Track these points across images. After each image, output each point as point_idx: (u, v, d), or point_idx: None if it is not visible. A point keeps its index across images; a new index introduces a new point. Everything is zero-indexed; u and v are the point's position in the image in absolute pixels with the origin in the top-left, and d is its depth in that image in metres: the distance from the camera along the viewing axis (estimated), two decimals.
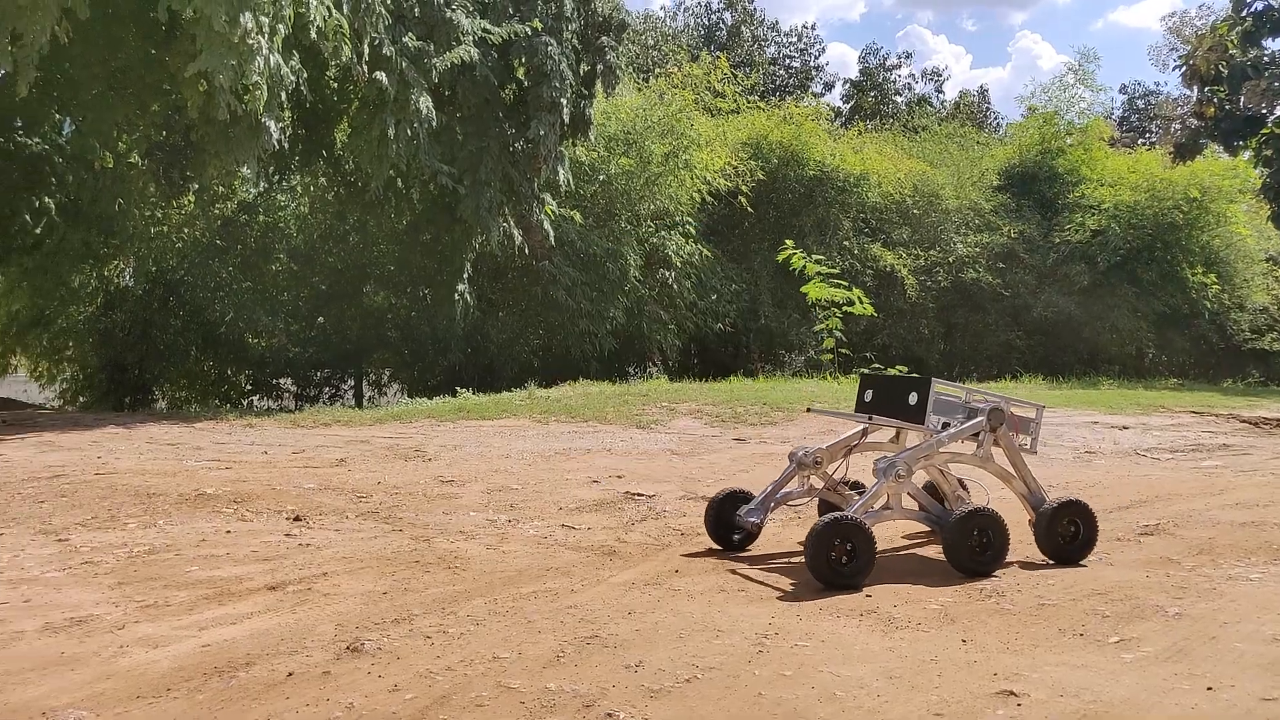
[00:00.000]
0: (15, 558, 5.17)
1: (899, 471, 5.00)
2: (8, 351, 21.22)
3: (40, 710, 3.24)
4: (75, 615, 4.21)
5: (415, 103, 13.09)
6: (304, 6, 10.31)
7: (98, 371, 20.26)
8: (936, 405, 5.27)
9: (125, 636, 3.96)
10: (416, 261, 18.44)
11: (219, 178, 17.48)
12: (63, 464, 7.96)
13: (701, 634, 3.98)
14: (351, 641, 3.87)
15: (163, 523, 6.00)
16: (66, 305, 19.77)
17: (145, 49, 13.25)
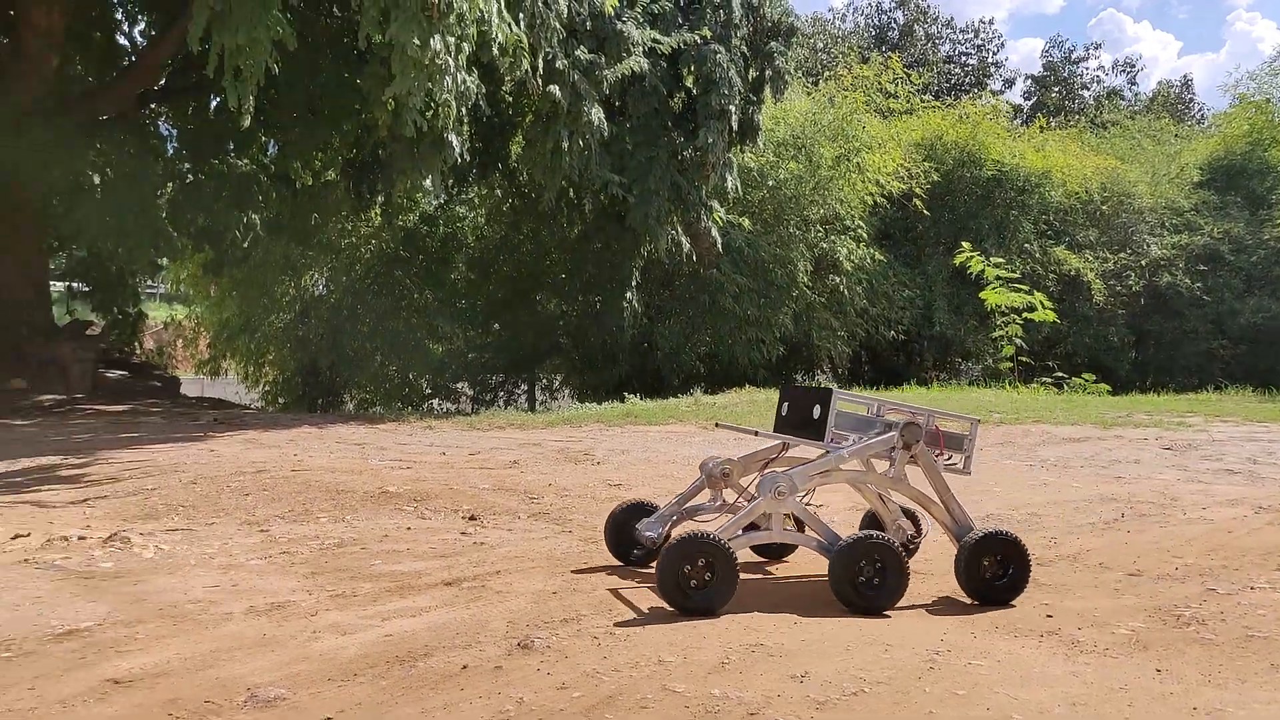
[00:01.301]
0: (225, 545, 5.62)
1: (778, 489, 4.49)
2: (219, 356, 23.13)
3: (246, 686, 3.51)
4: (275, 600, 4.53)
5: (587, 114, 13.41)
6: (486, 25, 10.76)
7: (294, 375, 21.78)
8: (847, 420, 4.82)
9: (318, 623, 4.23)
10: (587, 270, 18.87)
11: (404, 192, 18.46)
12: (264, 460, 8.59)
13: (870, 647, 3.89)
14: (522, 638, 4.00)
15: (350, 518, 6.38)
16: (268, 313, 21.37)
17: (340, 74, 14.16)
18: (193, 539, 5.77)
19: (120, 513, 6.57)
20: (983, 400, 12.90)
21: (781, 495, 4.50)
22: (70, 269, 18.68)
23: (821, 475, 4.68)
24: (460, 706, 3.34)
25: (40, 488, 7.49)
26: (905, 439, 4.66)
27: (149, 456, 8.86)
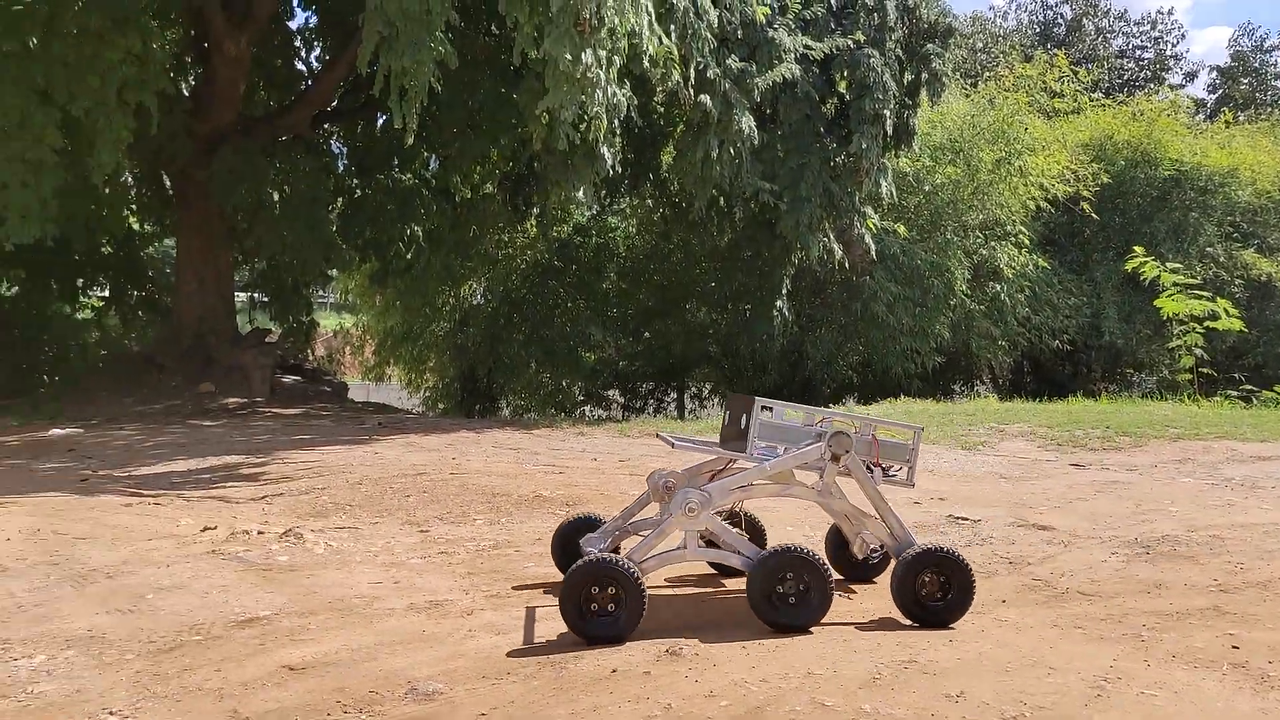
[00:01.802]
0: (387, 544, 5.88)
1: (689, 506, 4.24)
2: (384, 362, 24.28)
3: (406, 679, 3.66)
4: (433, 599, 4.71)
5: (737, 123, 13.40)
6: (638, 38, 10.91)
7: (453, 381, 22.63)
8: (778, 431, 4.55)
9: (473, 621, 4.37)
10: (736, 278, 18.83)
11: (558, 203, 18.92)
12: (425, 463, 8.95)
13: (1031, 670, 3.71)
14: (671, 645, 4.01)
15: (505, 520, 6.57)
16: (430, 322, 22.30)
17: (498, 90, 14.64)
18: (358, 537, 6.07)
19: (294, 510, 6.98)
20: (1158, 414, 12.12)
21: (693, 512, 4.26)
22: (252, 281, 20.02)
23: (741, 490, 4.45)
24: (609, 709, 3.38)
25: (225, 484, 8.04)
26: (834, 450, 4.35)
27: (320, 457, 9.39)
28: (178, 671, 3.73)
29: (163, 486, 7.91)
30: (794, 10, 14.87)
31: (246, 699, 3.49)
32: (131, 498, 7.37)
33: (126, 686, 3.58)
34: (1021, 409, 12.99)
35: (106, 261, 18.89)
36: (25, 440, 10.98)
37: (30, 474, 8.66)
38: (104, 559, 5.35)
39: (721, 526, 4.36)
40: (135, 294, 19.56)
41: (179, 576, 5.00)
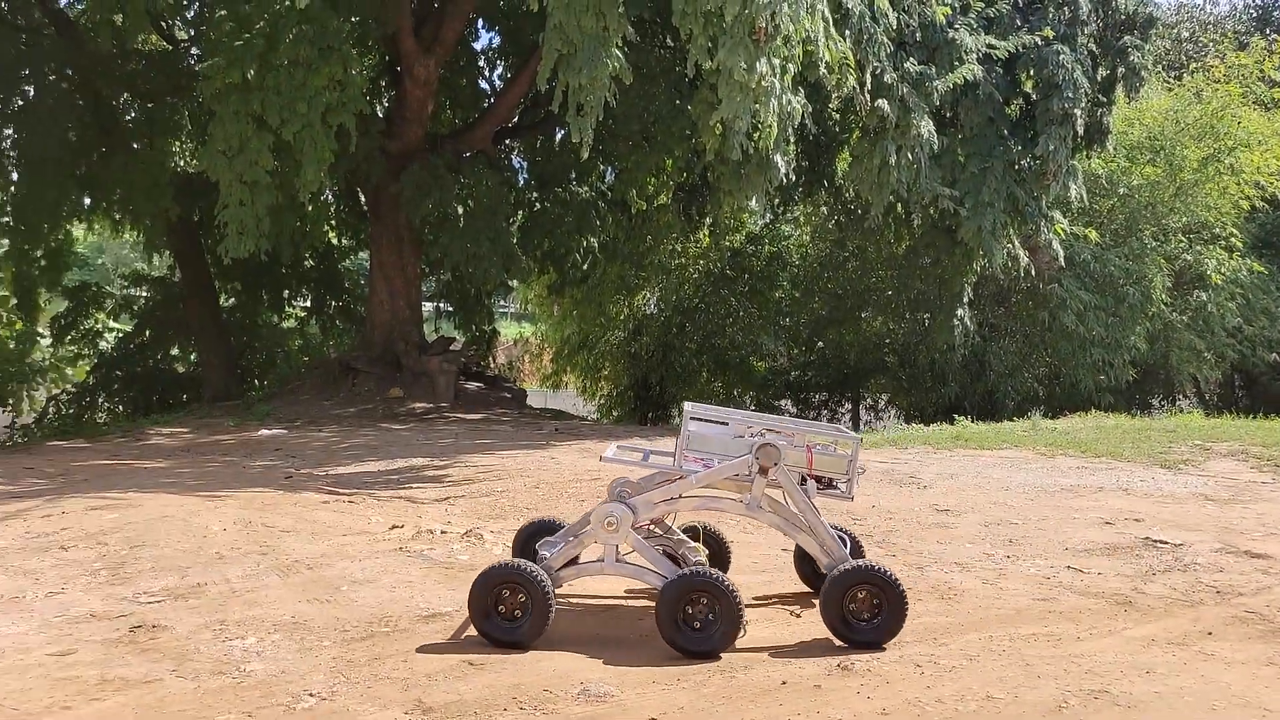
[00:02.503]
0: None
1: (609, 519, 4.14)
2: (560, 370, 24.97)
3: (579, 679, 3.75)
4: (608, 602, 4.80)
5: (916, 127, 13.01)
6: (813, 45, 10.79)
7: (627, 389, 22.99)
8: (711, 443, 4.36)
9: (646, 626, 4.42)
10: (914, 286, 18.29)
11: (731, 213, 18.92)
12: (597, 469, 9.12)
13: (1241, 709, 3.41)
14: (843, 660, 3.93)
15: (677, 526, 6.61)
16: (604, 331, 22.76)
17: (672, 102, 14.80)
18: None
19: (475, 511, 7.27)
20: None
21: (612, 526, 4.18)
22: (438, 291, 21.04)
23: (667, 502, 4.32)
24: None
25: (412, 485, 8.47)
26: (761, 462, 4.18)
27: (499, 461, 9.75)
28: (368, 660, 3.96)
29: (356, 486, 8.41)
30: (976, 9, 14.32)
31: (429, 689, 3.66)
32: (329, 495, 7.88)
33: (324, 671, 3.83)
34: (1231, 426, 11.99)
35: (309, 274, 20.34)
36: (239, 439, 11.93)
37: (243, 470, 9.40)
38: (305, 551, 5.74)
39: (639, 542, 4.25)
40: (334, 304, 20.97)
41: (370, 571, 5.31)
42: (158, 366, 19.74)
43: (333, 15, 12.28)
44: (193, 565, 5.38)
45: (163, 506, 6.97)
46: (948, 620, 4.55)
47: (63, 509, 6.88)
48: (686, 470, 4.34)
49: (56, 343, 20.05)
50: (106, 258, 28.67)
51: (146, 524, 6.35)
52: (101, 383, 19.32)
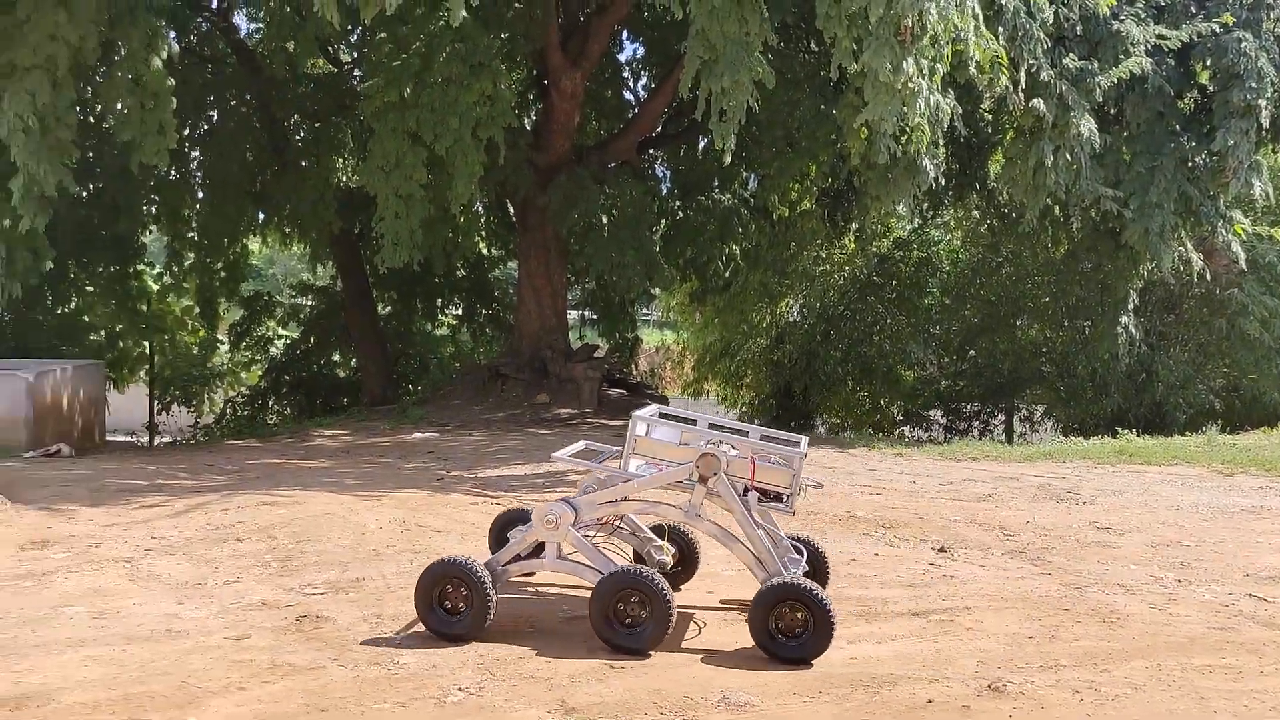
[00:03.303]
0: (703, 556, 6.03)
1: (548, 518, 4.28)
2: (702, 377, 24.99)
3: (719, 687, 3.74)
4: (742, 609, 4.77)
5: (1075, 126, 12.41)
6: (963, 44, 10.46)
7: (769, 397, 22.78)
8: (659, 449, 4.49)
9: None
10: (1074, 292, 17.43)
11: (877, 218, 18.52)
12: None
13: None
14: (993, 680, 3.78)
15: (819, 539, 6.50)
16: (747, 339, 22.63)
17: (816, 106, 14.61)
18: None
19: None
20: None
21: (551, 524, 4.30)
22: (583, 299, 21.42)
23: (608, 505, 4.44)
24: None
25: (556, 489, 8.64)
26: (702, 471, 4.25)
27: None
28: (514, 658, 4.06)
29: (504, 488, 8.65)
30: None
31: (572, 690, 3.73)
32: (478, 497, 8.13)
33: (472, 667, 3.95)
34: None
35: (460, 283, 21.07)
36: (394, 442, 12.46)
37: (397, 471, 9.81)
38: (455, 551, 5.93)
39: (579, 540, 4.34)
40: (484, 312, 21.65)
41: None
42: (321, 371, 20.84)
43: (484, 33, 12.70)
44: (352, 561, 5.65)
45: (325, 504, 7.35)
46: (1110, 645, 4.31)
47: (238, 504, 7.35)
48: (631, 475, 4.47)
49: (233, 349, 21.50)
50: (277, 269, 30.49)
51: (311, 520, 6.71)
52: (272, 386, 20.55)
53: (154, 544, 6.04)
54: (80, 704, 3.46)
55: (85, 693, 3.57)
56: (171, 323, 20.19)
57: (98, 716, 3.37)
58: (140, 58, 11.81)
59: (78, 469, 9.51)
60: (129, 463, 10.57)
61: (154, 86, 11.89)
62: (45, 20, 10.80)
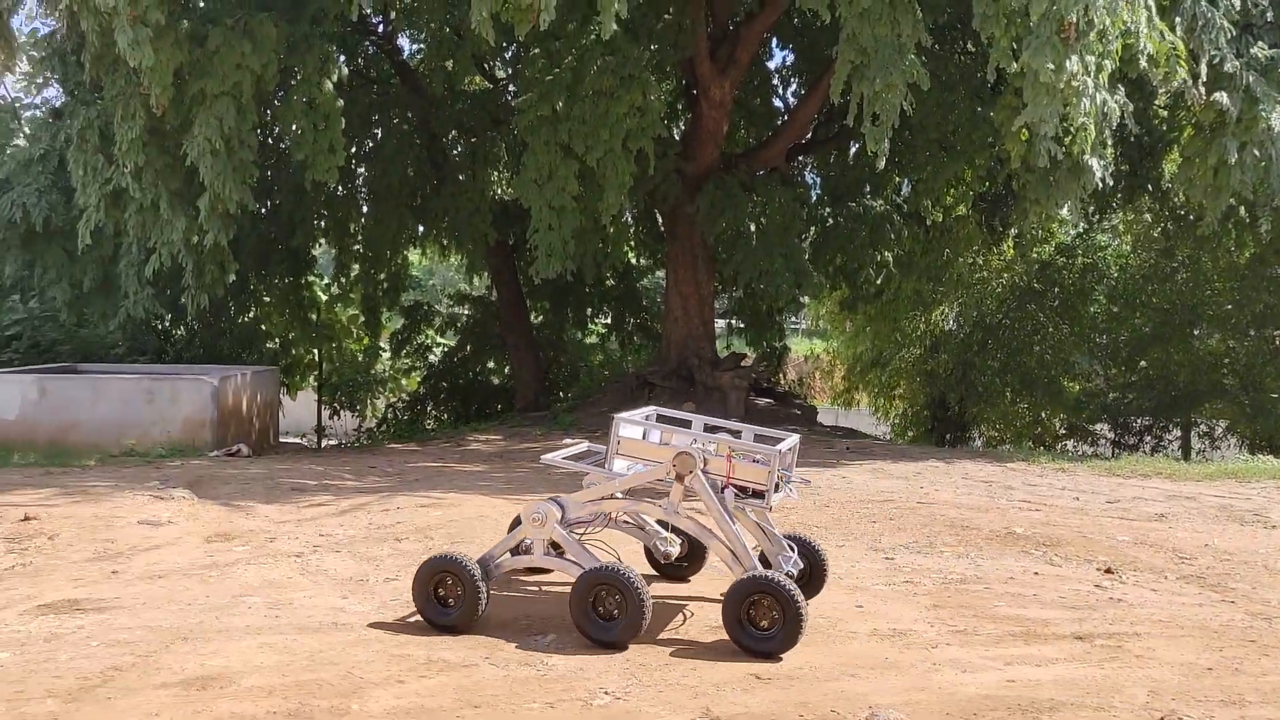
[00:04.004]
0: (852, 568, 5.92)
1: (535, 516, 4.53)
2: (852, 388, 24.53)
3: (867, 703, 3.65)
4: (897, 627, 4.65)
5: (1264, 120, 11.53)
6: (1133, 37, 9.90)
7: (923, 409, 22.13)
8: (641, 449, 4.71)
9: (937, 655, 4.23)
10: (1260, 299, 16.23)
11: (1038, 223, 17.73)
12: (891, 490, 8.86)
13: None
14: (1166, 712, 3.55)
15: (974, 555, 6.27)
16: (899, 348, 22.07)
17: (973, 108, 14.14)
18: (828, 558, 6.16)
19: None
20: None
21: (538, 522, 4.51)
22: (730, 308, 21.38)
23: (594, 503, 4.65)
24: None
25: None
26: (678, 469, 4.41)
27: None
28: (660, 664, 4.09)
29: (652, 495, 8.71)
30: None
31: (717, 699, 3.72)
32: None
33: (618, 672, 4.00)
34: None
35: (610, 292, 21.40)
36: (545, 447, 12.70)
37: (548, 476, 10.03)
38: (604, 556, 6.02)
39: (564, 537, 4.53)
40: (632, 321, 21.91)
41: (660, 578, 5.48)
42: (477, 378, 21.58)
43: (634, 45, 12.89)
44: None
45: (479, 507, 7.60)
46: None
47: (397, 504, 7.69)
48: (614, 474, 4.68)
49: (394, 356, 22.52)
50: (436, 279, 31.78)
51: (465, 523, 6.95)
52: (430, 392, 21.42)
53: (321, 541, 6.39)
54: (257, 687, 3.70)
55: (261, 677, 3.80)
56: (339, 331, 21.34)
57: (272, 700, 3.58)
58: (314, 82, 12.58)
59: (255, 468, 10.17)
60: (300, 463, 11.23)
61: (325, 108, 12.63)
62: (233, 51, 11.64)
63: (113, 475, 9.20)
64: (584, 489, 4.76)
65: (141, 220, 12.98)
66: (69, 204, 14.24)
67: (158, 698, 3.56)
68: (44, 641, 4.18)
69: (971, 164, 15.35)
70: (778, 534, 4.84)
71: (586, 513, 4.74)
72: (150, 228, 12.93)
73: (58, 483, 8.54)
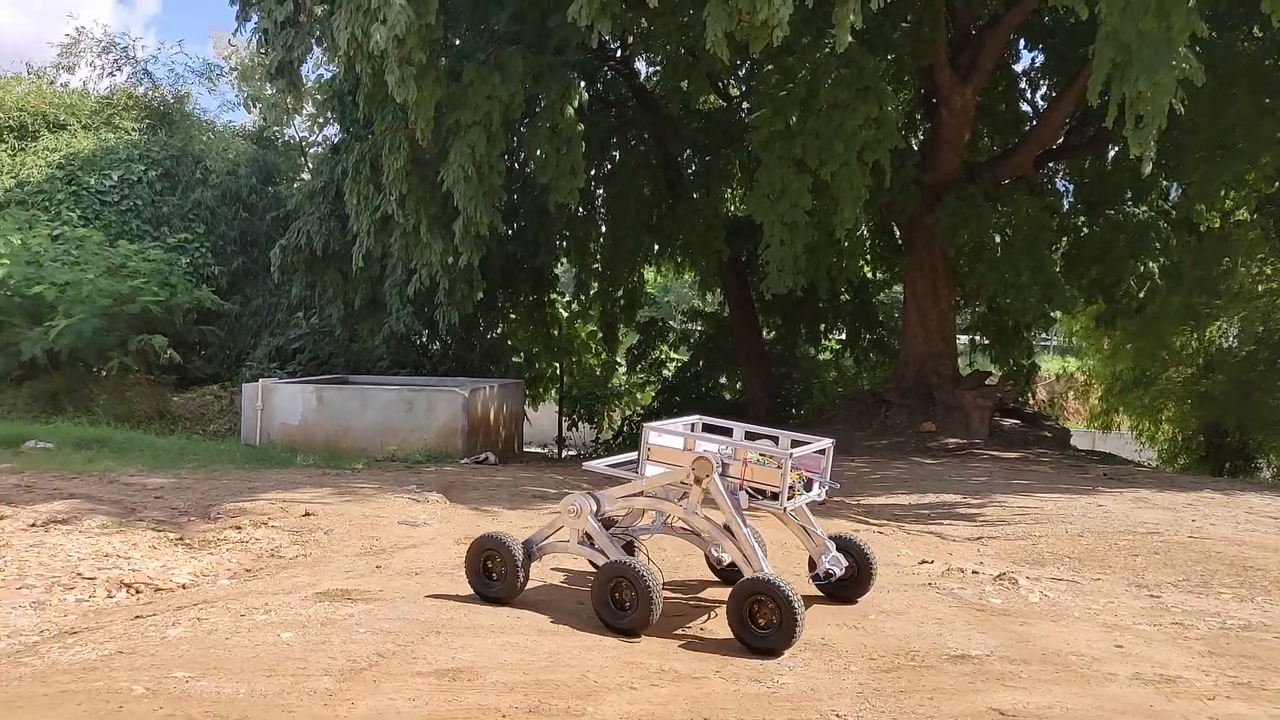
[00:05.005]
0: (1109, 603, 5.45)
1: (572, 508, 4.90)
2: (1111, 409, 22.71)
3: None
4: (1164, 672, 4.22)
5: None
6: None
7: (1196, 434, 20.14)
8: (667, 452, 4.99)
9: (1214, 708, 3.81)
10: None
11: None
12: (1156, 522, 8.10)
13: None
14: None
15: (1261, 600, 5.61)
16: (1166, 367, 20.20)
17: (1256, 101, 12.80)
18: (1077, 591, 5.73)
19: (1008, 554, 6.88)
20: None
21: (576, 514, 4.91)
22: (972, 323, 20.40)
23: (625, 499, 5.00)
24: None
25: (941, 521, 8.28)
26: (696, 472, 4.69)
27: (1037, 504, 9.11)
28: (894, 691, 3.93)
29: (885, 517, 8.45)
30: None
31: None
32: (860, 524, 8.01)
33: (850, 695, 3.88)
34: None
35: (844, 308, 21.01)
36: None
37: None
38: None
39: (596, 529, 4.89)
40: (867, 337, 21.40)
41: (898, 603, 5.28)
42: (709, 393, 21.79)
43: (870, 56, 12.62)
44: None
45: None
46: None
47: None
48: (645, 475, 5.02)
49: (630, 371, 23.17)
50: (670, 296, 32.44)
51: None
52: (663, 406, 21.84)
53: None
54: (500, 683, 3.88)
55: (504, 674, 3.99)
56: (578, 346, 22.23)
57: (514, 695, 3.75)
58: (557, 108, 13.21)
59: (500, 475, 10.74)
60: (541, 472, 11.76)
61: (567, 133, 13.22)
62: (484, 83, 12.44)
63: (377, 478, 10.01)
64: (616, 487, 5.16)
65: (405, 244, 14.12)
66: (344, 230, 15.71)
67: (415, 684, 3.81)
68: (321, 625, 4.59)
69: (1255, 163, 13.87)
70: (821, 535, 5.10)
71: (619, 508, 5.10)
72: (412, 250, 14.05)
73: (332, 483, 9.40)
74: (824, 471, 5.04)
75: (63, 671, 3.89)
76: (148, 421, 15.56)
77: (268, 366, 17.08)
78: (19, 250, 15.83)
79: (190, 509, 7.99)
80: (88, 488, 8.94)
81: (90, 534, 6.89)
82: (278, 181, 20.97)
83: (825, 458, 5.06)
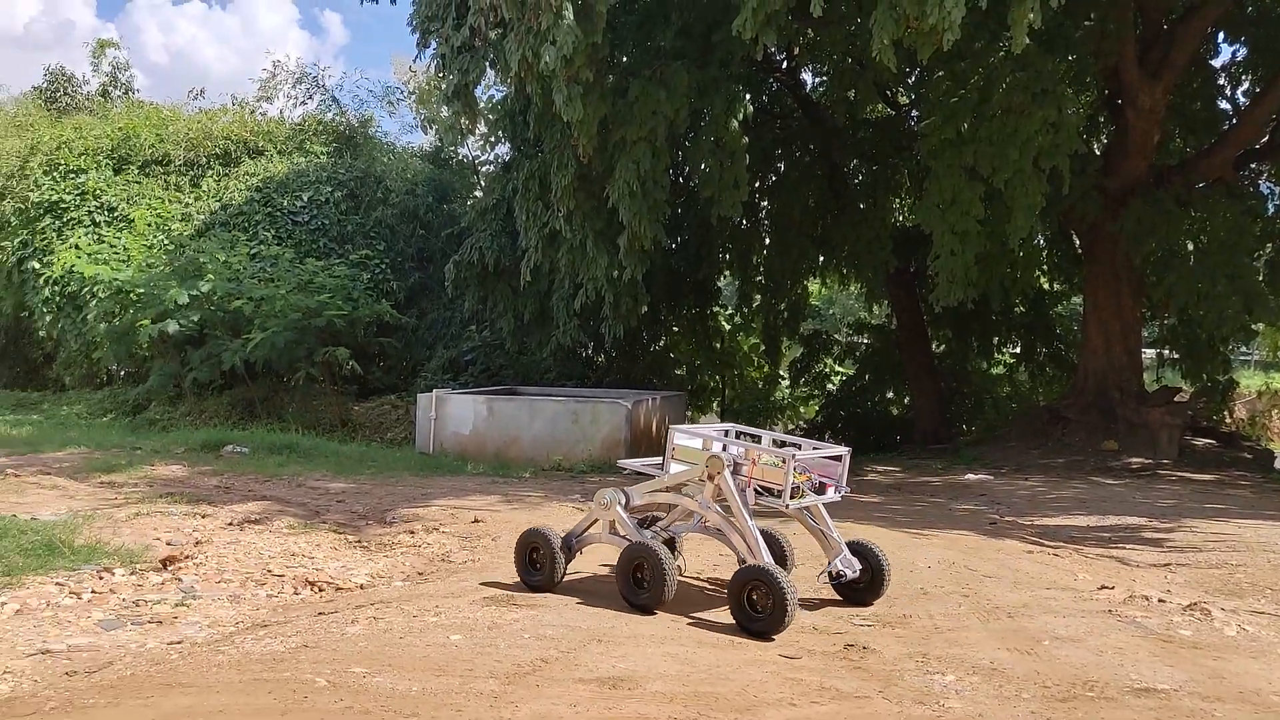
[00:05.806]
0: None
1: (602, 501, 5.41)
2: None
3: None
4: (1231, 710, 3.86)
5: None
6: None
7: None
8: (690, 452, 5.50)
9: None
10: None
11: None
12: None
13: None
14: None
15: None
16: None
17: None
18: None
19: (1201, 583, 6.43)
20: None
21: (606, 506, 5.39)
22: (1160, 336, 19.11)
23: (650, 494, 5.46)
24: None
25: (1124, 545, 7.81)
26: (709, 470, 5.14)
27: (1234, 531, 8.46)
28: None
29: (1061, 539, 8.05)
30: None
31: None
32: (1033, 546, 7.67)
33: None
34: None
35: (1018, 320, 20.11)
36: (945, 481, 12.27)
37: (947, 512, 9.65)
38: (1006, 599, 5.67)
39: (622, 519, 5.37)
40: (1043, 351, 20.39)
41: (1075, 629, 5.03)
42: (875, 408, 21.29)
43: (1048, 57, 12.10)
44: (899, 596, 5.68)
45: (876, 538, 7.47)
46: None
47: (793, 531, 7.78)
48: (669, 473, 5.48)
49: (793, 384, 22.92)
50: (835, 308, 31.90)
51: None
52: (827, 421, 21.50)
53: (720, 560, 6.65)
54: (660, 693, 3.95)
55: (664, 684, 4.05)
56: (740, 359, 22.18)
57: (673, 706, 3.80)
58: (721, 122, 13.29)
59: None
60: None
61: (731, 146, 13.27)
62: (650, 99, 12.66)
63: (543, 487, 10.33)
64: None
65: (571, 258, 14.52)
66: (514, 246, 16.29)
67: (576, 691, 3.93)
68: (487, 629, 4.80)
69: None
70: (837, 538, 5.37)
71: (646, 501, 5.50)
72: (578, 265, 14.43)
73: (500, 490, 9.76)
74: (840, 477, 5.42)
75: (255, 661, 4.22)
76: (331, 429, 16.59)
77: (441, 378, 17.86)
78: (222, 268, 17.24)
79: (368, 513, 8.50)
80: (278, 490, 9.64)
81: (279, 534, 7.44)
82: (452, 199, 21.94)
83: (841, 465, 5.43)
